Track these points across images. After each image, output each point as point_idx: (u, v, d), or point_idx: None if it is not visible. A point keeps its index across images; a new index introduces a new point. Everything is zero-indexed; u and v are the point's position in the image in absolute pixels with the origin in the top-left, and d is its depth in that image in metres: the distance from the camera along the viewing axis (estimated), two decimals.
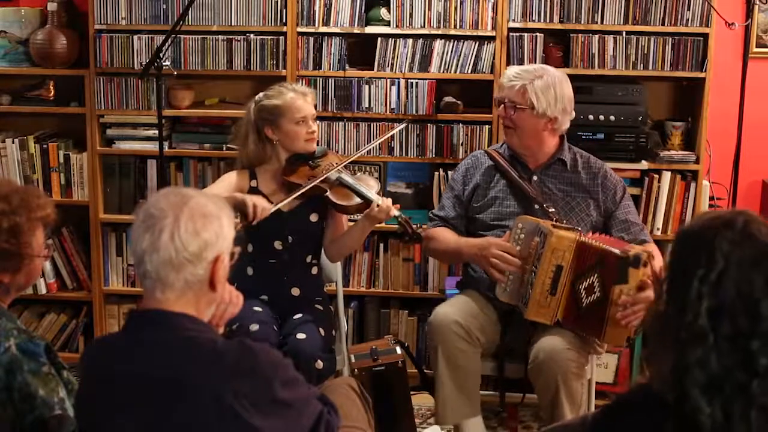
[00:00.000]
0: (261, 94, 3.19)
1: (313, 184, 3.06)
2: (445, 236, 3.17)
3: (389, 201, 3.05)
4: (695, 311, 1.52)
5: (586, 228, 3.05)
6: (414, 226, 3.05)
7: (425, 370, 3.25)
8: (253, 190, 3.15)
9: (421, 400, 3.51)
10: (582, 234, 2.89)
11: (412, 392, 3.08)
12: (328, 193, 3.09)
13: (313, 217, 3.16)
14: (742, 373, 1.49)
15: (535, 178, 3.14)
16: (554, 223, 2.93)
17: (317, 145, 3.21)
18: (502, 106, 3.11)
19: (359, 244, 3.30)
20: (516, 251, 2.92)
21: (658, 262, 3.00)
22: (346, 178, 3.12)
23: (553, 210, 3.04)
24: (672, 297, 1.57)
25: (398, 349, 3.05)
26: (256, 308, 3.04)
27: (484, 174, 3.19)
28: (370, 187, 3.12)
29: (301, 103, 3.12)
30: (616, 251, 2.81)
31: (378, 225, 3.15)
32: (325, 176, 3.09)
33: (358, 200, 3.08)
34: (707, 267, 1.53)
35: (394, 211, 3.03)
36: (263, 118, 3.14)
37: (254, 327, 2.92)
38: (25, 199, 2.14)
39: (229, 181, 3.17)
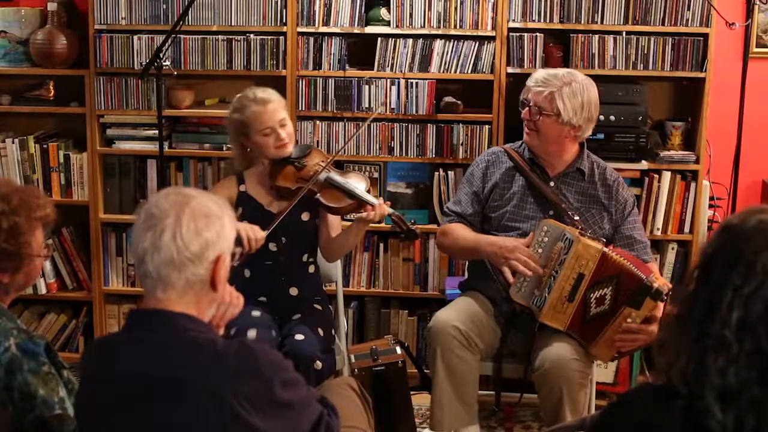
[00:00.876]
0: (231, 104, 3.15)
1: (304, 191, 3.03)
2: (462, 232, 3.13)
3: (381, 200, 3.03)
4: (724, 320, 1.50)
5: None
6: (409, 223, 3.02)
7: (425, 370, 3.25)
8: (243, 195, 3.14)
9: (421, 400, 3.50)
10: (606, 245, 2.87)
11: (412, 392, 3.09)
12: (318, 196, 3.06)
13: (305, 216, 3.15)
14: (758, 389, 1.48)
15: (552, 184, 3.11)
16: (581, 230, 2.91)
17: (299, 143, 3.18)
18: (527, 108, 3.07)
19: (355, 244, 3.28)
20: (538, 260, 2.90)
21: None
22: (335, 177, 3.09)
23: (578, 218, 3.02)
24: (702, 296, 1.55)
25: (398, 349, 3.05)
26: (255, 313, 3.03)
27: (504, 174, 3.16)
28: (359, 185, 3.09)
29: (263, 115, 3.06)
30: (642, 276, 2.80)
31: (378, 224, 3.14)
32: (314, 179, 3.06)
33: (349, 201, 3.05)
34: (745, 279, 1.51)
35: (387, 209, 3.01)
36: (234, 131, 3.13)
37: (252, 333, 2.91)
38: (24, 199, 2.14)
39: (216, 192, 3.15)
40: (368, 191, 3.09)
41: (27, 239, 2.13)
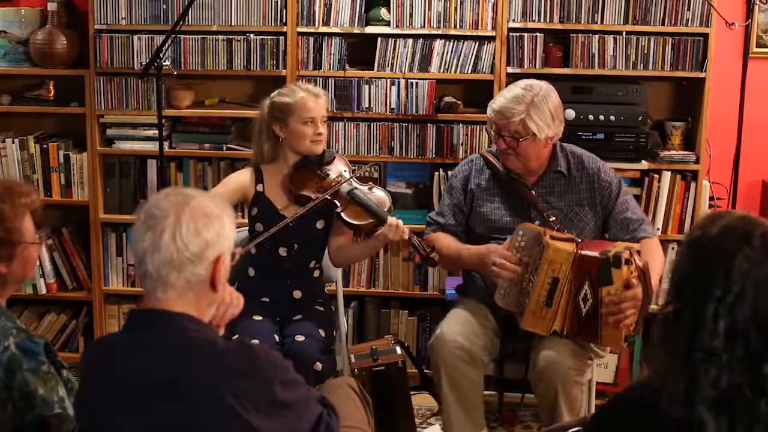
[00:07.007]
0: (276, 92, 3.15)
1: (322, 197, 3.01)
2: (445, 242, 3.12)
3: (401, 223, 2.97)
4: (711, 331, 1.49)
5: (588, 236, 3.02)
6: (427, 250, 2.97)
7: (425, 370, 3.25)
8: (260, 196, 3.12)
9: (421, 400, 3.51)
10: (580, 245, 2.84)
11: (412, 392, 3.08)
12: (339, 210, 3.03)
13: (320, 224, 3.14)
14: (750, 392, 1.48)
15: (533, 192, 3.08)
16: (553, 233, 2.88)
17: (326, 147, 3.18)
18: (502, 139, 3.01)
19: (366, 258, 3.22)
20: (516, 259, 2.88)
21: (657, 256, 2.98)
22: (359, 193, 3.05)
23: (554, 219, 3.00)
24: (684, 311, 1.54)
25: (398, 349, 3.04)
26: (257, 317, 3.02)
27: (483, 183, 3.13)
28: (382, 203, 3.06)
29: (312, 103, 3.07)
30: (595, 254, 2.77)
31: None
32: (336, 189, 3.04)
33: (370, 219, 3.02)
34: (725, 287, 1.49)
35: (407, 234, 2.97)
36: (273, 115, 3.10)
37: (254, 342, 2.90)
38: (8, 186, 2.17)
39: (234, 182, 3.14)
40: (389, 210, 3.06)
41: (15, 225, 2.13)
